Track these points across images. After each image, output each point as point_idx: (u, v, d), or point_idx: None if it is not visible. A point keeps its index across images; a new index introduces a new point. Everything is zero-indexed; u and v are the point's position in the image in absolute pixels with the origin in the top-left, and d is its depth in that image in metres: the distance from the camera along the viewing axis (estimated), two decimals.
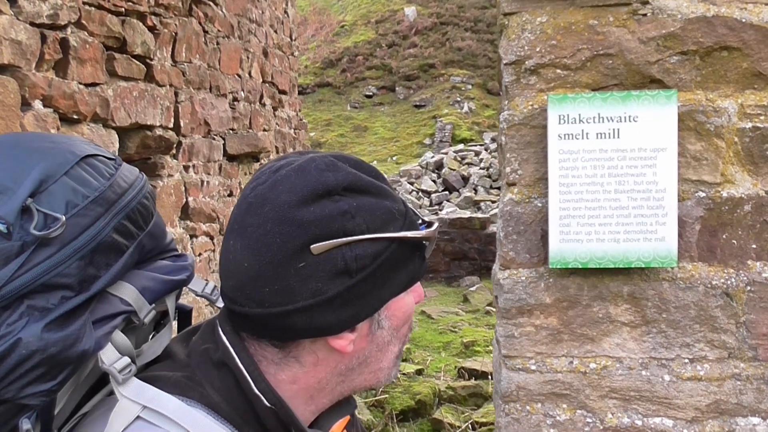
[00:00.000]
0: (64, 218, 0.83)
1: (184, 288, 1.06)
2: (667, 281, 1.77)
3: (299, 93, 7.86)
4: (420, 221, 0.99)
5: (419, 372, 6.25)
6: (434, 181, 17.60)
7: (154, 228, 1.00)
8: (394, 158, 22.40)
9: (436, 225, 0.99)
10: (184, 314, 1.12)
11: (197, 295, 1.08)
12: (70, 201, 0.86)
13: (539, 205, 1.81)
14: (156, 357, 0.99)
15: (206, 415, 0.87)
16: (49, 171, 0.86)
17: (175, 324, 1.10)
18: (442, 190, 17.16)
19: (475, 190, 16.48)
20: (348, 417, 1.05)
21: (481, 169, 17.48)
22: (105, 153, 0.97)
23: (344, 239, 0.86)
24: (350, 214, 0.87)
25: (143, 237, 0.97)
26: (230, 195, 5.14)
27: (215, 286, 1.09)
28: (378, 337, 0.96)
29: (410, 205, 0.99)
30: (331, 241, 0.85)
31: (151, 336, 1.02)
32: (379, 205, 0.91)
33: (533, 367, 1.84)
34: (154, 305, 0.96)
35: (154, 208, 1.02)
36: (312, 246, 0.85)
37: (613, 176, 1.72)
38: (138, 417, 0.85)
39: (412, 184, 17.58)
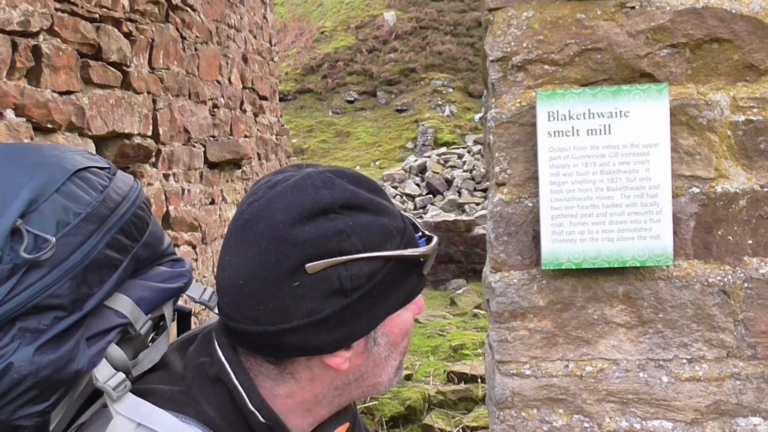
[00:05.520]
0: (54, 240, 0.82)
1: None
2: (662, 280, 1.73)
3: (280, 100, 7.80)
4: (420, 235, 0.97)
5: (408, 377, 6.18)
6: (418, 185, 17.59)
7: (150, 237, 0.99)
8: (377, 163, 22.36)
9: (435, 241, 0.97)
10: (183, 316, 1.12)
11: (195, 302, 1.07)
12: (61, 220, 0.84)
13: (530, 205, 1.75)
14: (153, 365, 0.98)
15: None
16: (39, 189, 0.84)
17: (174, 326, 1.10)
18: (426, 194, 17.14)
19: (459, 193, 16.48)
20: (347, 424, 1.04)
21: (464, 171, 17.48)
22: (98, 163, 0.95)
23: (339, 258, 0.85)
24: (346, 233, 0.86)
25: (138, 248, 0.95)
26: (212, 203, 5.06)
27: (213, 292, 1.08)
28: (374, 354, 0.95)
29: (410, 219, 0.98)
30: (325, 261, 0.84)
31: (150, 340, 1.01)
32: (377, 223, 0.89)
33: (528, 372, 1.78)
34: (150, 315, 0.95)
35: (150, 216, 1.00)
36: (307, 265, 0.84)
37: (605, 173, 1.67)
38: None
39: (396, 188, 17.55)
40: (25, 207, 0.82)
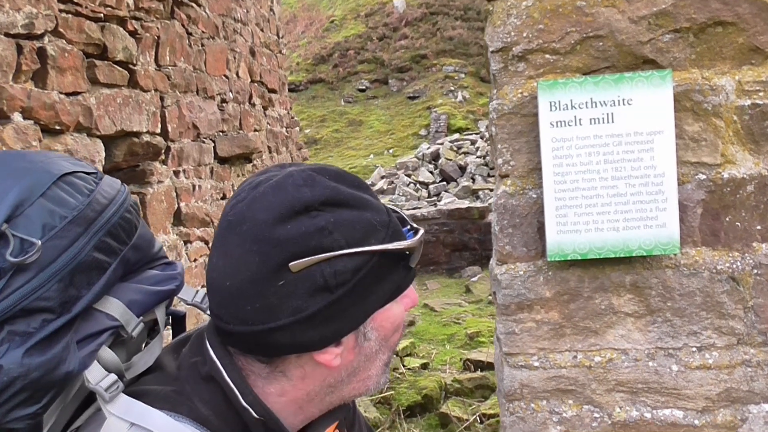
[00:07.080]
0: (39, 243, 0.82)
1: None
2: (670, 268, 1.71)
3: (292, 90, 7.79)
4: (408, 228, 0.97)
5: (424, 366, 6.19)
6: (431, 172, 17.53)
7: (139, 240, 1.00)
8: (391, 151, 22.33)
9: (421, 233, 0.97)
10: (177, 319, 1.13)
11: (187, 304, 1.08)
12: (47, 223, 0.85)
13: (534, 196, 1.74)
14: (147, 367, 0.99)
15: (195, 430, 0.87)
16: (24, 194, 0.85)
17: (169, 329, 1.11)
18: (440, 181, 17.08)
19: (473, 179, 16.40)
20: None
21: (477, 157, 17.39)
22: (84, 168, 0.96)
23: (322, 256, 0.85)
24: (328, 230, 0.86)
25: (127, 251, 0.96)
26: (223, 198, 5.07)
27: (205, 294, 1.09)
28: (366, 349, 0.95)
29: (396, 212, 0.98)
30: (308, 258, 0.85)
31: (144, 344, 1.02)
32: (359, 218, 0.89)
33: (536, 364, 1.78)
34: (142, 318, 0.96)
35: (138, 220, 1.01)
36: (290, 264, 0.84)
37: (609, 162, 1.65)
38: None
39: (409, 176, 17.51)
40: (10, 211, 0.83)
